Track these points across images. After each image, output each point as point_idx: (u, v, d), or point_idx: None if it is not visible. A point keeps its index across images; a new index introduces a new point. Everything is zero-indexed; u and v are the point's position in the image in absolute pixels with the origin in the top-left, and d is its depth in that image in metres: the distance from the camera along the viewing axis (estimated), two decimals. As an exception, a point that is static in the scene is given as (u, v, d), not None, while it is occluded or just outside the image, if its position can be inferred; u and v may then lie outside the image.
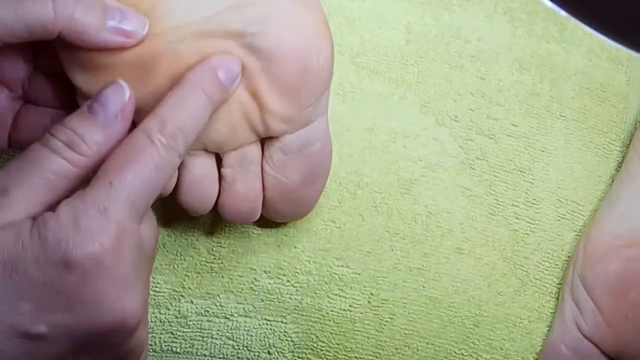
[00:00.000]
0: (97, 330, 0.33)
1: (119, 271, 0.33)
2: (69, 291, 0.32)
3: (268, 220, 0.46)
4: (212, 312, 0.45)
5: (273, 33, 0.38)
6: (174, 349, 0.45)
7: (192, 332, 0.45)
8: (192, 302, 0.45)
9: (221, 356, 0.45)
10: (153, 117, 0.36)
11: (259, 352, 0.45)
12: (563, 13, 0.31)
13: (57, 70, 0.39)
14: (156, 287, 0.45)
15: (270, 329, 0.45)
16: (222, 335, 0.45)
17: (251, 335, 0.45)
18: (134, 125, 0.36)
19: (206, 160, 0.41)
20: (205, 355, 0.45)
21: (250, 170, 0.42)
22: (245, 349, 0.45)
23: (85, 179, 0.35)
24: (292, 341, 0.46)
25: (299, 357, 0.46)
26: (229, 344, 0.45)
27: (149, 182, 0.34)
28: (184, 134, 0.36)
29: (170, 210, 0.46)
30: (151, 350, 0.45)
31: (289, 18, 0.39)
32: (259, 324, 0.45)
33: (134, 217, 0.34)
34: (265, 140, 0.41)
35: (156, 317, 0.45)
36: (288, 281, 0.46)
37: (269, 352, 0.45)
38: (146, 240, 0.36)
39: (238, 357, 0.45)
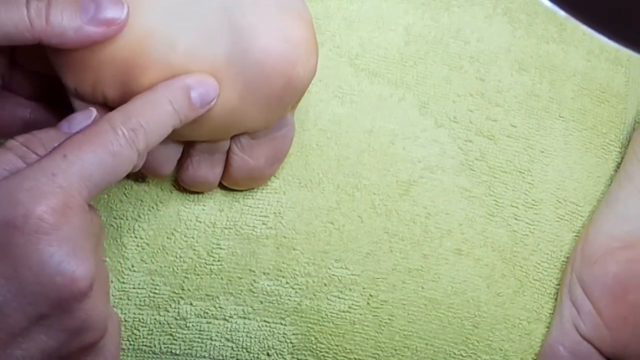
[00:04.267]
0: (46, 294, 0.32)
1: (65, 233, 0.32)
2: (14, 255, 0.31)
3: (267, 221, 0.46)
4: (212, 314, 0.45)
5: (260, 47, 0.38)
6: (173, 351, 0.45)
7: (192, 334, 0.45)
8: (191, 304, 0.45)
9: (220, 358, 0.45)
10: (119, 111, 0.36)
11: (258, 354, 0.45)
12: (562, 13, 0.30)
13: (35, 66, 0.40)
14: (155, 289, 0.45)
15: (270, 330, 0.46)
16: (221, 337, 0.45)
17: (250, 337, 0.45)
18: None
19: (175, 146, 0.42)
20: (204, 357, 0.45)
21: (215, 158, 0.43)
22: (244, 350, 0.45)
23: None
24: (291, 343, 0.46)
25: (298, 359, 0.46)
26: (228, 346, 0.45)
27: (104, 164, 0.34)
28: (146, 133, 0.36)
29: (170, 212, 0.46)
30: (150, 352, 0.45)
31: (277, 31, 0.39)
32: (258, 326, 0.46)
33: (84, 193, 0.34)
34: None
35: (155, 319, 0.45)
36: (287, 283, 0.46)
37: (268, 354, 0.45)
38: (93, 220, 0.35)
39: (237, 359, 0.45)
